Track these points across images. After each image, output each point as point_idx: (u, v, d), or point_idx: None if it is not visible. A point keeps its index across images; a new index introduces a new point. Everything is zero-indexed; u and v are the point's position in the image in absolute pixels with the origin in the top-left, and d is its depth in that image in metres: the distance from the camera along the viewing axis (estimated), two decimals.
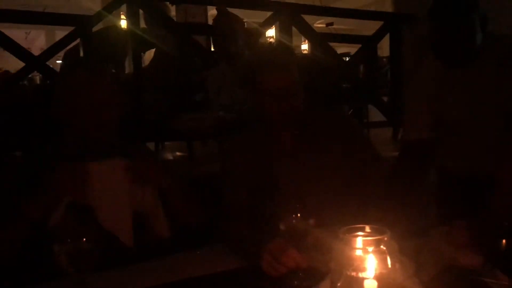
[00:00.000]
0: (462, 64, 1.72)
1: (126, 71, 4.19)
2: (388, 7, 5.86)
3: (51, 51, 2.88)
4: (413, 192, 1.75)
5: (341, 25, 16.83)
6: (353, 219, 0.93)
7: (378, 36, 4.38)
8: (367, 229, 0.73)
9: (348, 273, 0.68)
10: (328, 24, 16.01)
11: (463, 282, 1.10)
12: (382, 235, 0.69)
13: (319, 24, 15.93)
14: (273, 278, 1.14)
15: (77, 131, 1.42)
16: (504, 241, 1.08)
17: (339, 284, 0.71)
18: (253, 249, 1.22)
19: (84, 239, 1.07)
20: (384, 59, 5.66)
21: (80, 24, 2.95)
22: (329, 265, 1.03)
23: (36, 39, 13.58)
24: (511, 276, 1.01)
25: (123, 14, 4.38)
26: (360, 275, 0.67)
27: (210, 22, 5.75)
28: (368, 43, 4.41)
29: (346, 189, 1.52)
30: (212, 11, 4.50)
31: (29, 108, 3.14)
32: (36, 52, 13.29)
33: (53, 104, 1.45)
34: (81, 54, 2.89)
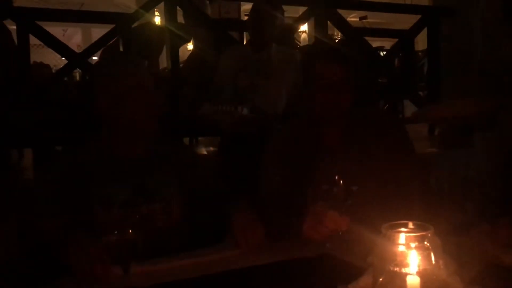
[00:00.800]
0: None
1: (160, 67, 4.26)
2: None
3: (92, 49, 2.96)
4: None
5: (375, 18, 16.58)
6: (394, 214, 0.94)
7: (415, 30, 4.30)
8: (410, 225, 0.73)
9: (391, 268, 0.68)
10: (361, 18, 15.80)
11: (506, 282, 1.09)
12: (425, 231, 0.70)
13: (352, 18, 15.75)
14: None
15: (116, 127, 1.46)
16: None
17: (381, 279, 0.71)
18: (294, 218, 1.26)
19: (130, 231, 1.11)
20: (420, 53, 5.56)
21: (119, 22, 3.02)
22: (368, 260, 1.04)
23: (73, 36, 14.00)
24: None
25: (157, 11, 4.45)
26: (403, 270, 0.67)
27: (243, 17, 5.78)
28: (405, 38, 4.34)
29: (387, 186, 1.50)
30: (245, 7, 4.51)
31: (72, 103, 3.26)
32: (73, 48, 13.56)
33: (93, 99, 1.47)
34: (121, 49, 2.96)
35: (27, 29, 2.73)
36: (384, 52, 4.89)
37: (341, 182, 1.23)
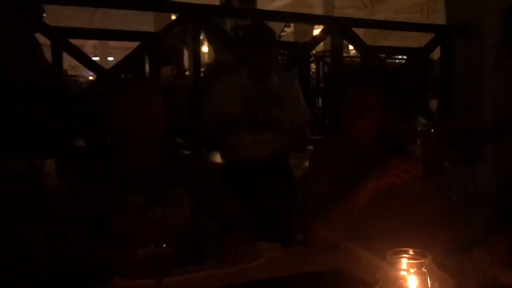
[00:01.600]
0: None
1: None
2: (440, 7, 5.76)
3: (119, 67, 3.12)
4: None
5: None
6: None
7: (428, 48, 4.38)
8: (411, 252, 0.85)
9: None
10: None
11: None
12: (423, 258, 0.81)
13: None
14: None
15: (129, 142, 1.60)
16: None
17: None
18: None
19: (164, 245, 1.24)
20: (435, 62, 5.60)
21: (146, 39, 3.18)
22: (376, 276, 1.15)
23: None
24: None
25: None
26: None
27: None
28: (418, 56, 4.42)
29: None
30: None
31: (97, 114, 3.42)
32: (88, 49, 13.73)
33: (108, 116, 1.63)
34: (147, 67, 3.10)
35: (61, 46, 2.90)
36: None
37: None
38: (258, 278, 1.35)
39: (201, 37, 3.82)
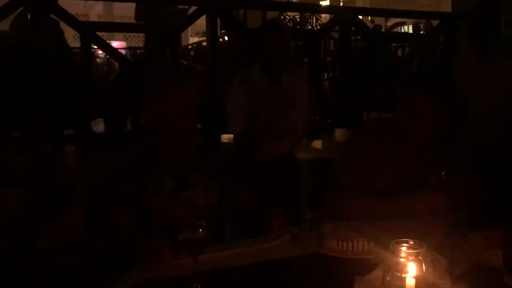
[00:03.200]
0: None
1: None
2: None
3: (142, 61, 3.24)
4: None
5: None
6: None
7: (432, 36, 4.46)
8: (410, 242, 1.01)
9: (395, 273, 0.97)
10: None
11: (489, 280, 1.28)
12: (420, 248, 0.98)
13: None
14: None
15: (165, 134, 1.73)
16: None
17: (388, 279, 1.00)
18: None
19: (201, 230, 1.41)
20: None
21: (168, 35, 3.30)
22: (380, 257, 1.31)
23: (94, 7, 14.32)
24: None
25: None
26: (403, 275, 0.96)
27: None
28: (422, 42, 4.51)
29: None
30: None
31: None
32: (93, 18, 13.50)
33: (147, 111, 1.77)
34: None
35: (89, 39, 3.04)
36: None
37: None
38: (276, 257, 1.49)
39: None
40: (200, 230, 1.39)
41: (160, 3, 3.97)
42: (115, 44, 10.69)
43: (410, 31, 10.49)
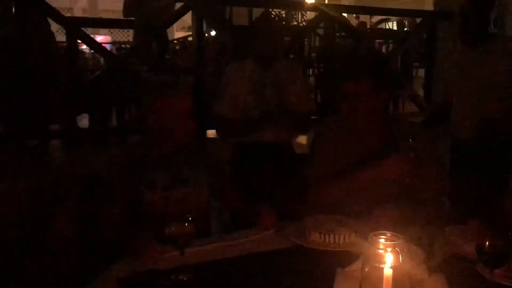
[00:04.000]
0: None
1: None
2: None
3: (130, 54, 3.24)
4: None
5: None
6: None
7: (415, 33, 4.53)
8: (388, 234, 1.05)
9: (373, 264, 1.01)
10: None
11: (464, 269, 1.34)
12: (397, 240, 1.02)
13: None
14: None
15: (160, 131, 1.75)
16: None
17: (366, 269, 1.04)
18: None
19: (187, 224, 1.44)
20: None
21: (155, 30, 3.30)
22: (360, 250, 1.34)
23: (78, 0, 14.19)
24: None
25: None
26: (381, 265, 1.00)
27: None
28: (405, 40, 4.57)
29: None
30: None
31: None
32: (77, 12, 13.36)
33: (144, 114, 1.78)
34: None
35: (76, 35, 3.02)
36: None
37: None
38: (261, 250, 1.53)
39: None
40: (186, 224, 1.42)
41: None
42: (99, 38, 10.57)
43: (395, 27, 10.69)
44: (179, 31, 11.65)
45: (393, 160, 1.68)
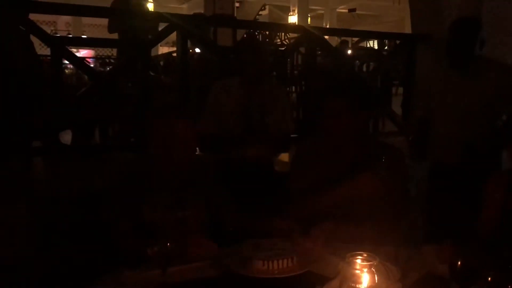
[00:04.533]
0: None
1: None
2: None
3: (115, 72, 3.26)
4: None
5: (364, 10, 16.58)
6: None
7: (394, 54, 4.63)
8: (364, 254, 1.09)
9: (350, 283, 1.05)
10: (350, 10, 15.84)
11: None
12: (373, 261, 1.06)
13: (342, 9, 15.86)
14: None
15: (164, 155, 1.78)
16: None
17: None
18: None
19: (168, 244, 1.45)
20: None
21: (140, 48, 3.33)
22: (338, 267, 1.35)
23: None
24: None
25: None
26: (358, 285, 1.04)
27: (235, 13, 5.83)
28: (385, 60, 4.68)
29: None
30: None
31: None
32: (61, 26, 13.20)
33: (148, 139, 1.82)
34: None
35: (60, 54, 3.04)
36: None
37: None
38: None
39: None
40: (168, 243, 1.43)
41: (128, 17, 3.99)
42: (83, 52, 10.55)
43: (376, 45, 10.92)
44: (163, 46, 11.69)
45: (365, 178, 1.73)
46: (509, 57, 3.75)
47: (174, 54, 4.82)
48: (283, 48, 6.89)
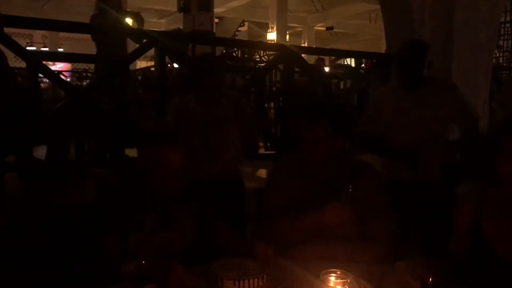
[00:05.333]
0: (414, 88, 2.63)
1: None
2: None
3: (92, 87, 3.24)
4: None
5: (342, 29, 16.93)
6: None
7: (369, 73, 4.73)
8: (338, 272, 1.11)
9: None
10: (328, 28, 16.15)
11: None
12: (347, 278, 1.08)
13: (320, 27, 16.15)
14: None
15: (153, 178, 1.76)
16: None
17: None
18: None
19: (144, 262, 1.44)
20: None
21: (118, 63, 3.32)
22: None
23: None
24: None
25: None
26: None
27: (215, 29, 5.84)
28: (361, 79, 4.77)
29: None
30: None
31: None
32: (37, 39, 13.09)
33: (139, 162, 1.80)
34: None
35: (36, 68, 3.01)
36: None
37: None
38: None
39: None
40: (144, 262, 1.42)
41: (107, 33, 3.99)
42: (59, 65, 10.39)
43: (353, 63, 11.10)
44: (141, 60, 11.62)
45: (332, 207, 1.74)
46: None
47: (153, 69, 4.83)
48: (262, 64, 7.03)
